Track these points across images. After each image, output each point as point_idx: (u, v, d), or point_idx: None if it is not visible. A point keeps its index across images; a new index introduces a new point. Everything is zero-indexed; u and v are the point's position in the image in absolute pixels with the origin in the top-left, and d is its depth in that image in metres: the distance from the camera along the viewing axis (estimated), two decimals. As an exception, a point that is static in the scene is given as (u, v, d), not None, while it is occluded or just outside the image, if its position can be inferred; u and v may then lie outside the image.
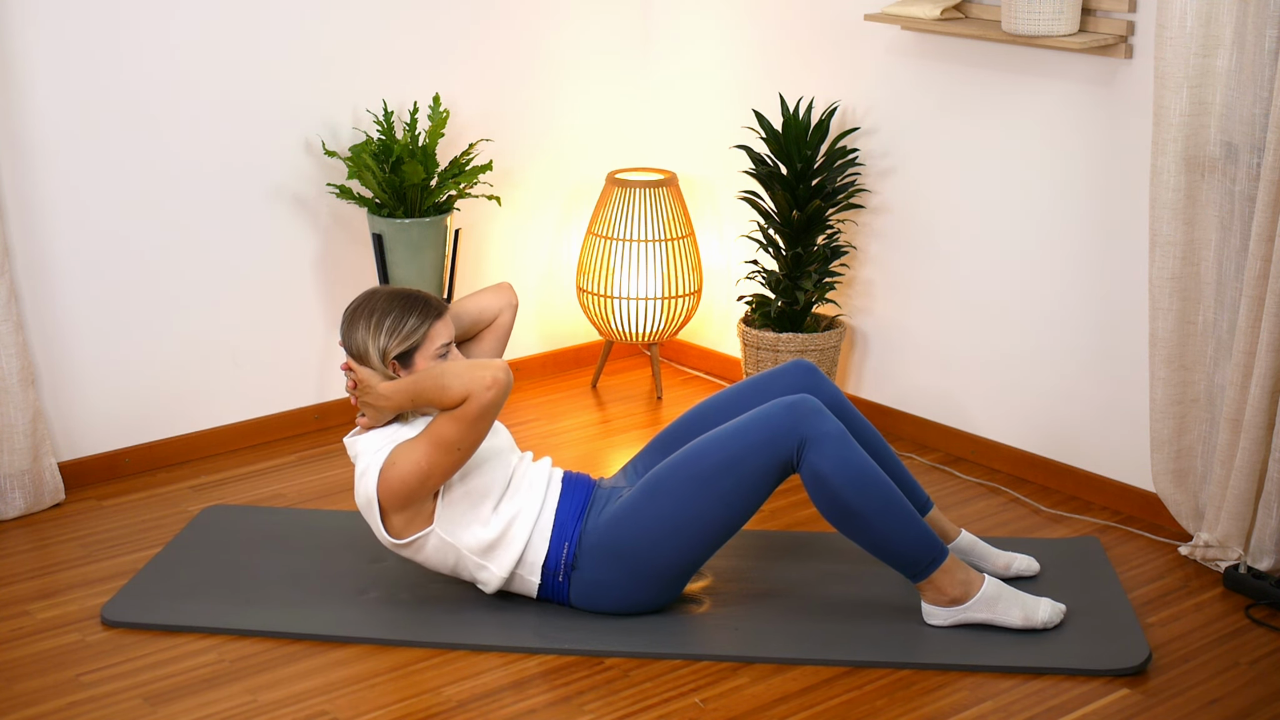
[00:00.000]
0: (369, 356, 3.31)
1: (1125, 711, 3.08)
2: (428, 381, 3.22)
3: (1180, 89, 3.48)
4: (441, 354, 3.33)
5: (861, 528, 3.23)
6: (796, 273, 4.32)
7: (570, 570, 3.33)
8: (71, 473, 4.10)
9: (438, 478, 3.24)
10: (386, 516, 3.30)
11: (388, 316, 3.31)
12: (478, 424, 3.19)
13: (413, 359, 3.31)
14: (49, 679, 3.21)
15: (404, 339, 3.30)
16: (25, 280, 3.96)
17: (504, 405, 3.21)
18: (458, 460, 3.22)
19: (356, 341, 3.32)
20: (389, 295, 3.35)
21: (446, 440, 3.20)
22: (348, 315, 3.35)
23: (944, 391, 4.35)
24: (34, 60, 3.87)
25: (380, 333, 3.30)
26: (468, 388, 3.16)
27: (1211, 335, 3.63)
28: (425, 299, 3.35)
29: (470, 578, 3.39)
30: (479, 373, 3.17)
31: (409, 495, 3.25)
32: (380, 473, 3.25)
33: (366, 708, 3.10)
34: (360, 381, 3.32)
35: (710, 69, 4.79)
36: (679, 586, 3.38)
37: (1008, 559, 3.55)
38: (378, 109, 4.41)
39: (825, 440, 3.20)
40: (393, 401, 3.29)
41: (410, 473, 3.22)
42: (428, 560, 3.36)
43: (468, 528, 3.31)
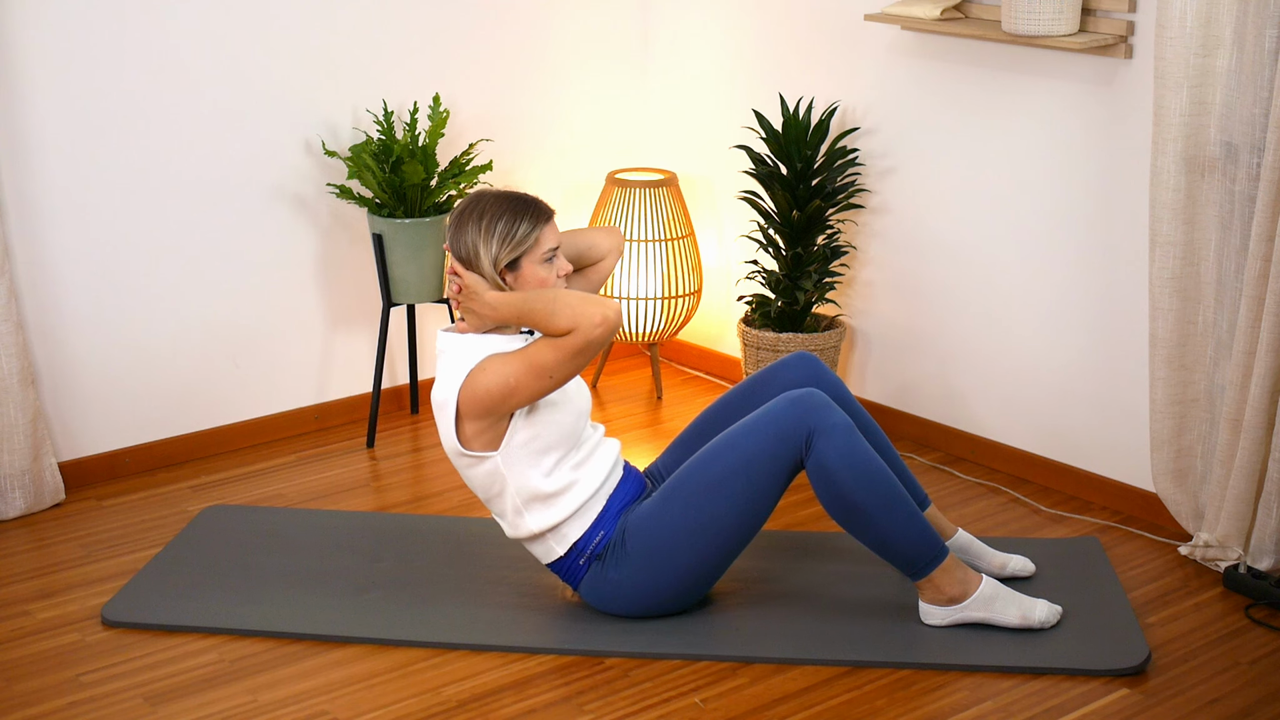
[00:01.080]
0: (479, 262, 3.25)
1: (1125, 711, 3.08)
2: (538, 303, 3.19)
3: (1180, 89, 3.48)
4: (548, 258, 3.28)
5: (864, 523, 3.23)
6: (796, 273, 4.32)
7: (593, 560, 3.32)
8: (71, 473, 4.10)
9: (521, 398, 3.20)
10: (460, 421, 3.25)
11: (499, 221, 3.24)
12: (576, 358, 3.16)
13: (520, 264, 3.26)
14: (49, 679, 3.21)
15: (515, 245, 3.24)
16: (25, 280, 3.96)
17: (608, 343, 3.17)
18: (546, 388, 3.19)
19: (466, 246, 3.26)
20: (498, 198, 3.28)
21: (542, 365, 3.17)
22: (455, 218, 3.29)
23: (944, 391, 4.35)
24: (34, 60, 3.87)
25: (492, 238, 3.24)
26: (576, 321, 3.14)
27: (1211, 335, 3.63)
28: (536, 202, 3.29)
29: (500, 514, 3.35)
30: (590, 308, 3.15)
31: (488, 407, 3.20)
32: (468, 377, 3.21)
33: (366, 708, 3.10)
34: (467, 288, 3.27)
35: (710, 69, 4.79)
36: (691, 596, 3.37)
37: (1003, 559, 3.56)
38: (378, 109, 4.41)
39: (833, 432, 3.19)
40: (499, 313, 3.24)
41: (497, 385, 3.18)
42: (474, 480, 3.33)
43: (526, 471, 3.28)
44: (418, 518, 3.93)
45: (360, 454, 4.37)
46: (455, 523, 3.89)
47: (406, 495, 4.11)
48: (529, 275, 3.27)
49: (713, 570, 3.33)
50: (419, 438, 4.49)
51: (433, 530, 3.84)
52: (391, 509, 4.03)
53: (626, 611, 3.36)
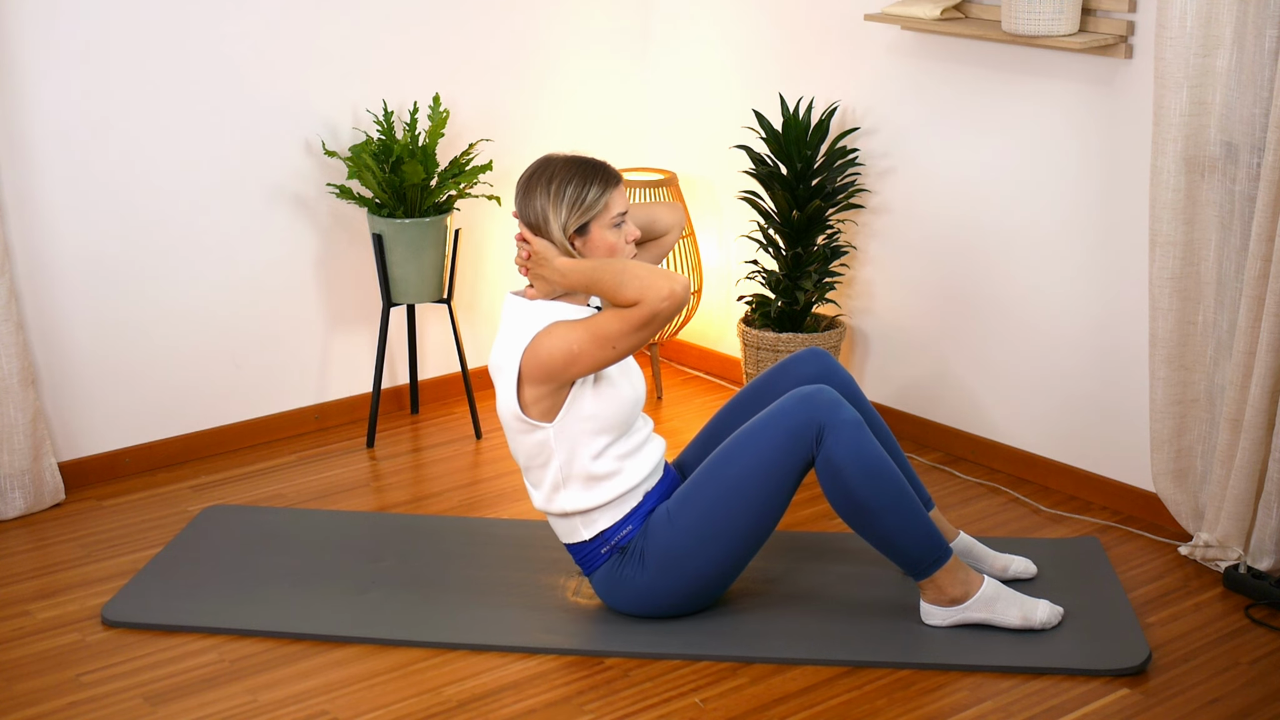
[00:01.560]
0: (548, 227, 3.24)
1: (1125, 711, 3.08)
2: (607, 272, 3.18)
3: (1180, 89, 3.48)
4: (617, 223, 3.27)
5: (870, 521, 3.22)
6: (796, 273, 4.32)
7: (614, 552, 3.32)
8: (71, 473, 4.10)
9: (582, 367, 3.19)
10: (521, 385, 3.23)
11: (568, 186, 3.23)
12: (641, 330, 3.15)
13: (589, 229, 3.25)
14: (49, 679, 3.21)
15: (585, 210, 3.24)
16: (25, 280, 3.96)
17: (674, 320, 3.15)
18: (609, 358, 3.18)
19: (535, 211, 3.25)
20: (567, 163, 3.27)
21: (606, 335, 3.16)
22: (524, 184, 3.28)
23: (944, 391, 4.35)
24: (34, 61, 3.87)
25: (561, 204, 3.23)
26: (643, 293, 3.13)
27: (1211, 335, 3.63)
28: (604, 166, 3.28)
29: (536, 485, 3.34)
30: (658, 281, 3.13)
31: (549, 373, 3.19)
32: (532, 341, 3.19)
33: (366, 708, 3.10)
34: (536, 254, 3.25)
35: (710, 69, 4.79)
36: (704, 599, 3.37)
37: (1005, 561, 3.55)
38: (378, 109, 4.41)
39: (843, 428, 3.19)
40: (568, 280, 3.23)
41: (560, 351, 3.17)
42: (521, 448, 3.31)
43: (575, 449, 3.27)
44: (418, 518, 3.93)
45: (360, 454, 4.37)
46: (455, 523, 3.89)
47: (406, 495, 4.11)
48: (598, 240, 3.26)
49: (728, 574, 3.33)
50: (419, 438, 4.49)
51: (433, 530, 3.84)
52: (391, 509, 4.03)
53: (635, 610, 3.36)
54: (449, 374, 4.75)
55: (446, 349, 4.72)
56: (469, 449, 4.41)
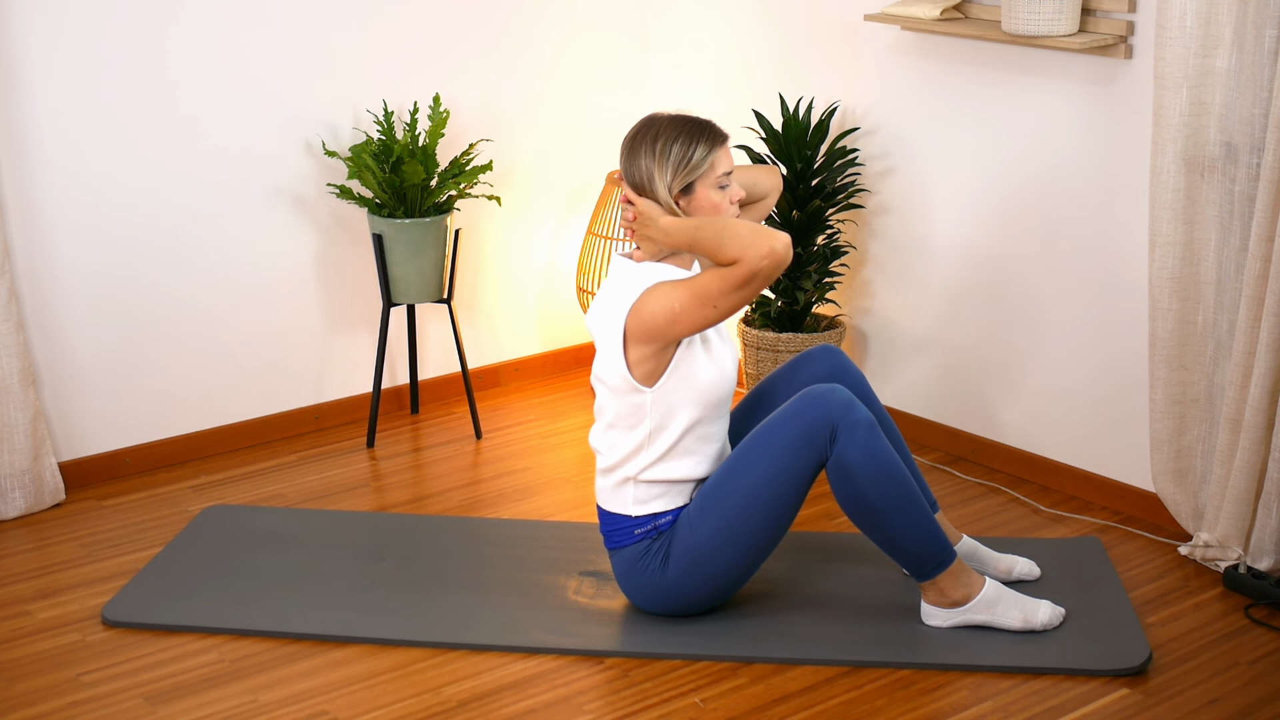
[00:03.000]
0: (654, 187, 3.22)
1: (1125, 711, 3.08)
2: (709, 231, 3.15)
3: (1180, 89, 3.48)
4: (724, 184, 3.26)
5: (878, 522, 3.22)
6: (796, 273, 4.32)
7: (649, 536, 3.31)
8: (71, 473, 4.10)
9: (685, 325, 3.17)
10: (627, 345, 3.21)
11: (674, 143, 3.21)
12: (742, 288, 3.13)
13: (695, 188, 3.24)
14: (49, 679, 3.21)
15: (691, 169, 3.22)
16: (25, 280, 3.96)
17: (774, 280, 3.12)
18: (710, 317, 3.16)
19: (640, 171, 3.23)
20: (672, 121, 3.24)
21: (706, 293, 3.14)
22: (629, 144, 3.25)
23: (944, 391, 4.35)
24: (35, 61, 3.87)
25: (667, 162, 3.21)
26: (742, 251, 3.10)
27: (1211, 335, 3.63)
28: (710, 125, 3.26)
29: (613, 444, 3.32)
30: (759, 239, 3.10)
31: (653, 332, 3.18)
32: (637, 300, 3.18)
33: (366, 708, 3.10)
34: (641, 214, 3.23)
35: (710, 69, 4.79)
36: (717, 598, 3.36)
37: (1009, 563, 3.55)
38: (378, 109, 4.41)
39: (856, 429, 3.18)
40: (672, 239, 3.21)
41: (663, 309, 3.16)
42: (613, 407, 3.29)
43: (668, 417, 3.26)
44: (418, 518, 3.93)
45: (360, 454, 4.37)
46: (455, 523, 3.89)
47: (406, 495, 4.11)
48: (703, 199, 3.24)
49: (742, 576, 3.33)
50: (419, 438, 4.49)
51: (433, 530, 3.84)
52: (391, 509, 4.03)
53: (646, 605, 3.36)
54: (449, 374, 4.75)
55: (446, 349, 4.72)
56: (469, 449, 4.41)
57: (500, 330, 4.84)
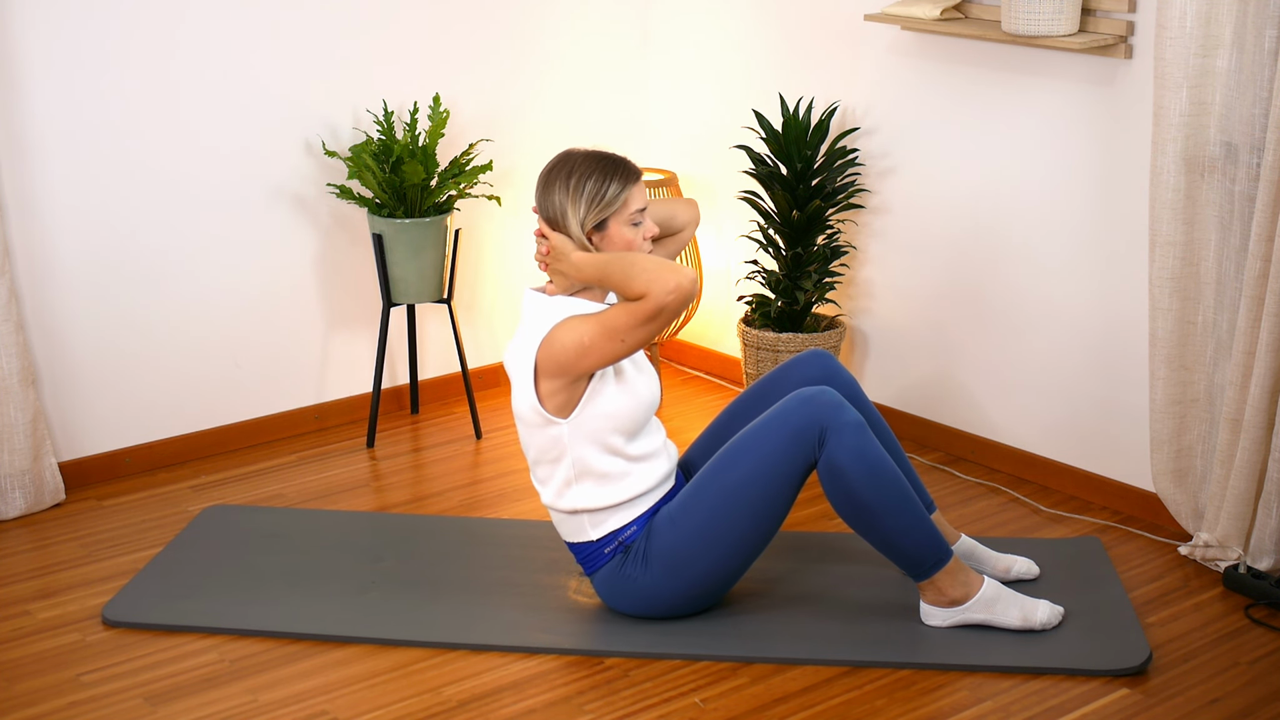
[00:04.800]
0: (567, 222, 3.24)
1: (1125, 711, 3.08)
2: (617, 266, 3.18)
3: (1180, 89, 3.48)
4: (637, 221, 3.27)
5: (872, 523, 3.22)
6: (796, 273, 4.32)
7: (619, 551, 3.32)
8: (71, 473, 4.10)
9: (593, 359, 3.19)
10: (537, 379, 3.24)
11: (588, 180, 3.23)
12: (649, 323, 3.15)
13: (608, 224, 3.25)
14: (49, 679, 3.21)
15: (604, 207, 3.23)
16: (25, 280, 3.96)
17: (681, 314, 3.17)
18: (619, 351, 3.18)
19: (554, 206, 3.25)
20: (587, 158, 3.26)
21: (615, 327, 3.16)
22: (543, 178, 3.27)
23: (944, 391, 4.35)
24: (34, 61, 3.87)
25: (580, 199, 3.23)
26: (649, 286, 3.13)
27: (1211, 335, 3.63)
28: (624, 162, 3.28)
29: (546, 479, 3.34)
30: (665, 275, 3.13)
31: (563, 365, 3.20)
32: (548, 334, 3.20)
33: (366, 708, 3.10)
34: (554, 249, 3.25)
35: (710, 69, 4.79)
36: (705, 602, 3.37)
37: (1008, 562, 3.55)
38: (378, 109, 4.41)
39: (845, 430, 3.19)
40: (583, 274, 3.23)
41: (572, 344, 3.18)
42: (533, 443, 3.31)
43: (588, 445, 3.27)
44: (418, 518, 3.93)
45: (360, 454, 4.37)
46: (455, 523, 3.89)
47: (406, 495, 4.11)
48: (616, 236, 3.26)
49: (731, 576, 3.33)
50: (419, 438, 4.49)
51: (433, 530, 3.84)
52: (391, 509, 4.03)
53: (637, 611, 3.36)
54: (449, 374, 4.75)
55: (446, 349, 4.72)
56: (469, 449, 4.41)
57: (500, 330, 4.84)
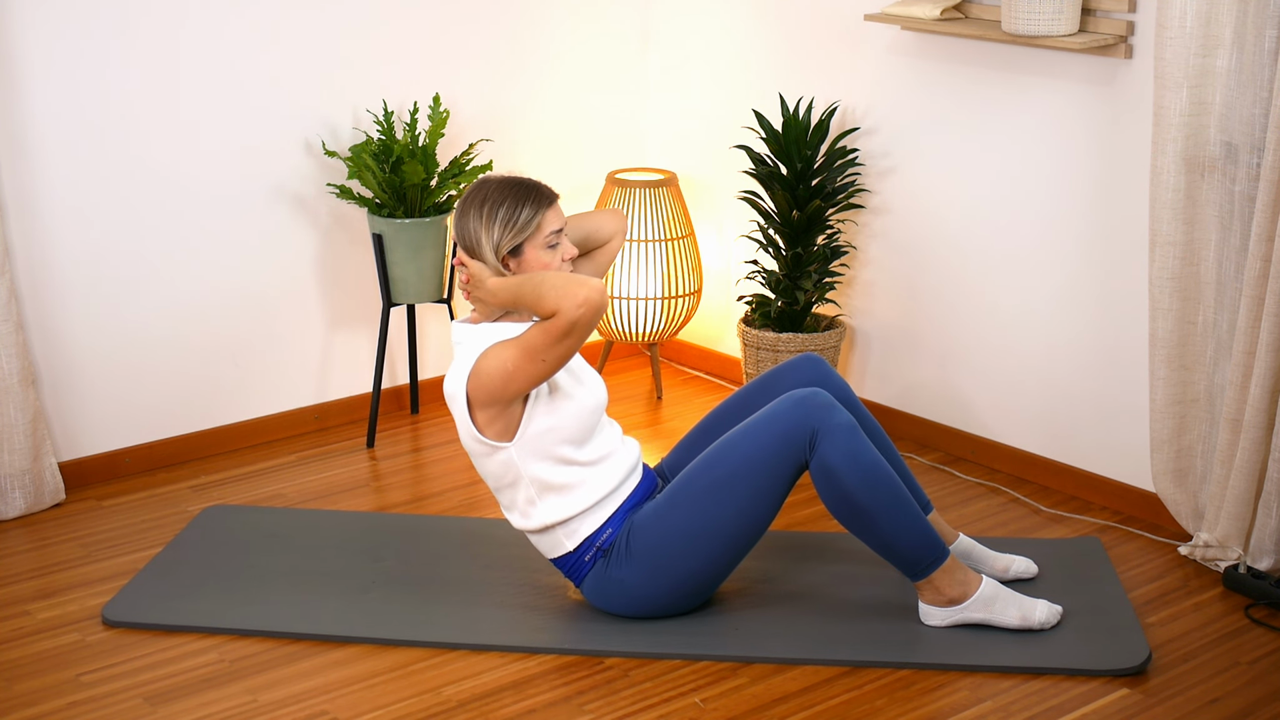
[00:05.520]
0: (481, 249, 3.26)
1: (1125, 711, 3.08)
2: (529, 287, 3.20)
3: (1180, 89, 3.49)
4: (552, 243, 3.29)
5: (867, 524, 3.22)
6: (796, 273, 4.32)
7: (599, 555, 3.32)
8: (71, 473, 4.10)
9: (520, 383, 3.20)
10: (472, 409, 3.26)
11: (500, 207, 3.25)
12: (564, 339, 3.16)
13: (523, 249, 3.27)
14: (49, 679, 3.21)
15: (518, 231, 3.25)
16: (25, 280, 3.96)
17: (595, 327, 3.18)
18: (541, 371, 3.19)
19: (469, 234, 3.27)
20: (501, 184, 3.29)
21: (533, 348, 3.17)
22: (459, 206, 3.30)
23: (944, 391, 4.35)
24: (35, 61, 3.87)
25: (494, 225, 3.25)
26: (559, 302, 3.14)
27: (1211, 335, 3.63)
28: (537, 187, 3.29)
29: (510, 504, 3.35)
30: (573, 289, 3.14)
31: (492, 393, 3.21)
32: (475, 364, 3.22)
33: (366, 708, 3.10)
34: (472, 276, 3.28)
35: (710, 69, 4.79)
36: (695, 599, 3.37)
37: (1006, 561, 3.55)
38: (378, 109, 4.41)
39: (836, 432, 3.19)
40: (499, 299, 3.25)
41: (497, 370, 3.19)
42: (487, 470, 3.33)
43: (539, 461, 3.28)
44: (418, 518, 3.93)
45: (360, 454, 4.37)
46: (455, 523, 3.89)
47: (406, 495, 4.11)
48: (533, 260, 3.27)
49: (718, 573, 3.33)
50: (419, 438, 4.49)
51: (433, 530, 3.84)
52: (391, 509, 4.03)
53: (628, 611, 3.36)
54: (449, 374, 4.75)
55: (446, 349, 4.72)
56: (469, 449, 4.41)
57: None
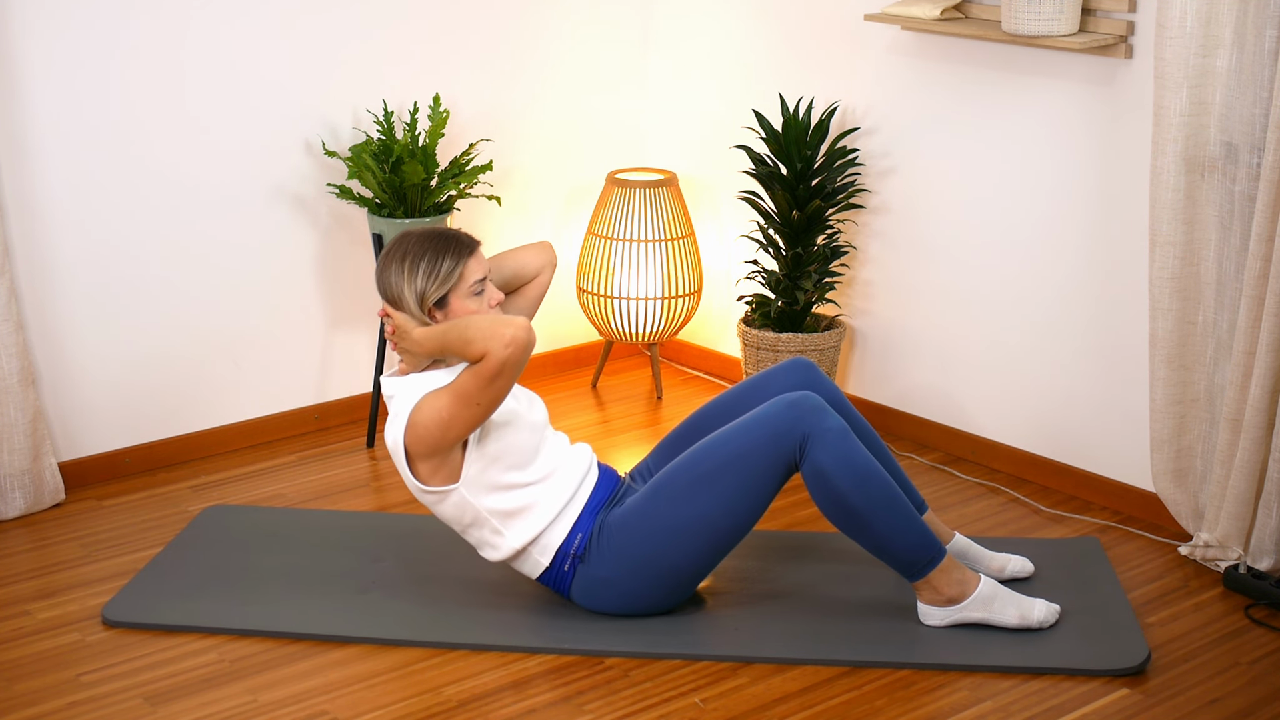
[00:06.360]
0: (404, 302, 3.28)
1: (1125, 711, 3.08)
2: (454, 333, 3.21)
3: (1180, 89, 3.49)
4: (477, 291, 3.30)
5: (862, 526, 3.23)
6: (796, 273, 4.32)
7: (577, 562, 3.33)
8: (71, 473, 4.10)
9: (458, 430, 3.21)
10: (412, 462, 3.27)
11: (421, 260, 3.27)
12: (495, 380, 3.16)
13: (448, 300, 3.28)
14: (49, 679, 3.21)
15: (440, 283, 3.26)
16: (25, 280, 3.96)
17: (526, 364, 3.19)
18: (477, 415, 3.20)
19: (391, 287, 3.29)
20: (421, 237, 3.30)
21: (467, 393, 3.18)
22: (380, 261, 3.32)
23: (944, 391, 4.35)
24: (35, 61, 3.87)
25: (415, 276, 3.26)
26: (487, 344, 3.15)
27: (1211, 335, 3.63)
28: (457, 237, 3.31)
29: (480, 541, 3.36)
30: (499, 329, 3.15)
31: (431, 444, 3.23)
32: (409, 417, 3.23)
33: (366, 708, 3.10)
34: (398, 328, 3.29)
35: (710, 69, 4.79)
36: (682, 594, 3.37)
37: (1002, 560, 3.55)
38: (378, 109, 4.41)
39: (828, 436, 3.20)
40: (425, 348, 3.26)
41: (432, 420, 3.20)
42: (445, 515, 3.34)
43: (491, 492, 3.29)
44: (418, 518, 3.93)
45: (360, 454, 4.37)
46: (455, 523, 3.89)
47: (406, 495, 4.11)
48: (458, 310, 3.29)
49: (700, 568, 3.33)
50: (419, 438, 4.48)
51: (433, 530, 3.84)
52: (391, 509, 4.03)
53: (617, 609, 3.36)
54: (449, 374, 4.75)
55: (446, 349, 4.72)
56: (469, 449, 4.41)
57: (500, 330, 4.84)
